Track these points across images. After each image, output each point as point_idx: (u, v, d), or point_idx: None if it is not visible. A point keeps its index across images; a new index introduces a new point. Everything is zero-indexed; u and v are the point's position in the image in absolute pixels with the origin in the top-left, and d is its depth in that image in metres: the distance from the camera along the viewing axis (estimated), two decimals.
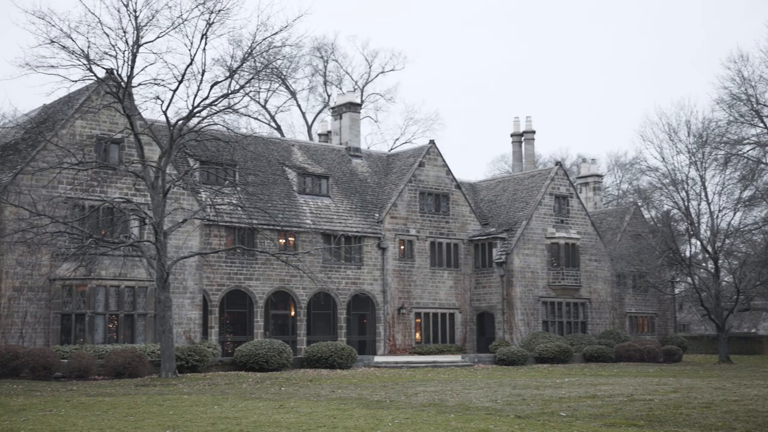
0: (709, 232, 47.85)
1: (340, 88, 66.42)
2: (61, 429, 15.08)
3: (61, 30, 29.48)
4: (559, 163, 52.54)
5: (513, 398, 20.90)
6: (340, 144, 50.20)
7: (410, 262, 46.24)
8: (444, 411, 18.05)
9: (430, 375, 32.67)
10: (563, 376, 31.59)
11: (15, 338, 32.13)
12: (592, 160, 65.72)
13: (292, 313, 42.11)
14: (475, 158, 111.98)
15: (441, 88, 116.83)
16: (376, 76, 70.16)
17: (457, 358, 42.08)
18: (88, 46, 29.72)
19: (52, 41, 29.26)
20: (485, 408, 18.57)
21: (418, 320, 46.45)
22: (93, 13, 32.14)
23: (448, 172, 48.73)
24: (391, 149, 65.98)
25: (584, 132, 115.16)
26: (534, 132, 59.52)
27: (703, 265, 50.79)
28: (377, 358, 40.20)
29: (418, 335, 46.33)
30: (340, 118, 50.62)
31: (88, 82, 32.34)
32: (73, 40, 29.49)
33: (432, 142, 49.10)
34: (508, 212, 50.21)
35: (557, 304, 48.96)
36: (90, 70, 29.96)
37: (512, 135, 60.40)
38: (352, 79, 69.13)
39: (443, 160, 48.71)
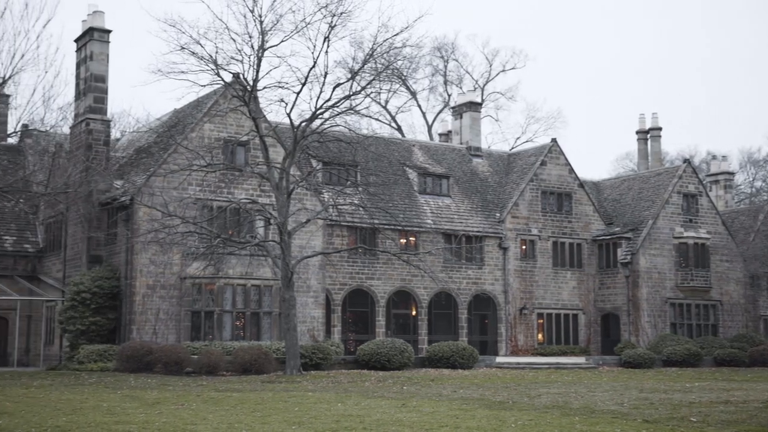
0: None
1: (461, 88, 66.25)
2: (192, 422, 15.57)
3: (191, 37, 30.51)
4: (687, 161, 50.90)
5: (640, 402, 20.34)
6: (461, 143, 50.09)
7: (532, 262, 45.68)
8: (568, 413, 17.73)
9: (553, 376, 32.18)
10: (693, 381, 30.56)
11: (149, 334, 33.45)
12: (723, 157, 63.32)
13: (413, 313, 42.26)
14: (598, 156, 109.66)
15: (563, 86, 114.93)
16: (497, 74, 69.73)
17: (581, 359, 41.29)
18: (216, 52, 30.67)
19: (183, 48, 30.31)
20: (611, 411, 18.14)
21: (541, 321, 45.82)
22: (221, 20, 33.06)
23: (571, 170, 47.89)
24: (512, 148, 65.36)
25: (714, 128, 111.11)
26: (660, 129, 57.90)
27: None
28: (499, 359, 39.90)
29: (540, 336, 45.72)
30: (461, 117, 50.51)
31: (215, 87, 33.32)
32: (201, 46, 30.50)
33: (554, 140, 48.39)
34: (634, 211, 48.95)
35: (686, 306, 47.40)
36: (218, 74, 30.89)
37: (637, 132, 58.90)
38: (473, 78, 68.92)
39: (565, 159, 47.92)
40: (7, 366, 38.20)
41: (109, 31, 37.48)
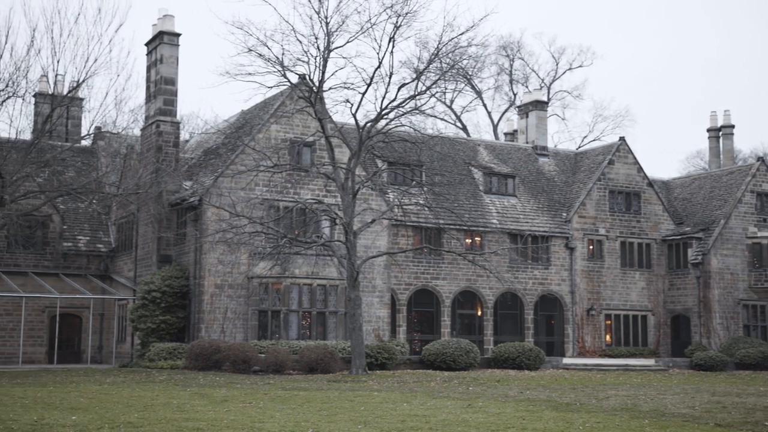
0: None
1: (526, 87, 65.75)
2: (260, 420, 15.75)
3: (258, 39, 30.89)
4: (761, 159, 49.60)
5: (712, 405, 19.90)
6: (527, 143, 49.70)
7: (599, 263, 45.08)
8: (637, 416, 17.45)
9: (621, 378, 31.71)
10: (767, 384, 29.79)
11: (216, 333, 33.93)
12: None
13: (479, 313, 42.06)
14: (668, 155, 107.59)
15: (631, 83, 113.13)
16: (563, 73, 69.03)
17: (650, 362, 40.60)
18: (283, 53, 30.99)
19: (250, 50, 30.68)
20: (682, 415, 17.79)
21: (608, 322, 45.19)
22: (287, 21, 33.51)
23: (640, 169, 47.13)
24: (579, 147, 64.62)
25: None
26: (733, 126, 56.57)
27: None
28: (566, 360, 39.49)
29: (608, 337, 45.09)
30: (527, 116, 50.12)
31: (282, 88, 33.64)
32: (268, 48, 30.83)
33: (622, 139, 47.68)
34: (705, 211, 47.93)
35: (759, 308, 46.23)
36: (284, 76, 31.18)
37: (709, 130, 57.66)
38: (539, 76, 68.31)
39: (634, 158, 47.18)
40: (80, 363, 39.20)
41: (178, 35, 38.11)
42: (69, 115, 43.64)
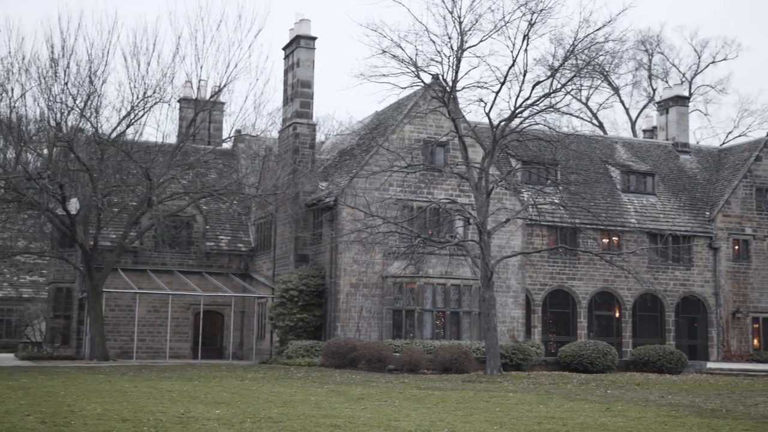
0: None
1: (666, 82, 63.70)
2: (395, 419, 15.87)
3: (392, 40, 31.07)
4: None
5: None
6: (667, 140, 48.18)
7: (746, 263, 43.19)
8: None
9: None
10: None
11: (352, 332, 34.42)
12: None
13: (617, 315, 41.05)
14: None
15: None
16: (706, 66, 66.54)
17: None
18: (416, 54, 31.08)
19: (384, 51, 30.92)
20: None
21: (756, 325, 43.23)
22: (420, 22, 33.62)
23: None
24: (723, 143, 62.12)
25: None
26: None
27: None
28: (710, 364, 37.99)
29: (756, 341, 43.14)
30: (666, 112, 48.60)
31: (415, 89, 33.76)
32: (402, 49, 31.00)
33: None
34: None
35: None
36: (417, 76, 31.28)
37: None
38: (679, 71, 66.09)
39: None
40: (222, 359, 40.57)
41: (314, 38, 38.87)
42: (211, 119, 45.30)
